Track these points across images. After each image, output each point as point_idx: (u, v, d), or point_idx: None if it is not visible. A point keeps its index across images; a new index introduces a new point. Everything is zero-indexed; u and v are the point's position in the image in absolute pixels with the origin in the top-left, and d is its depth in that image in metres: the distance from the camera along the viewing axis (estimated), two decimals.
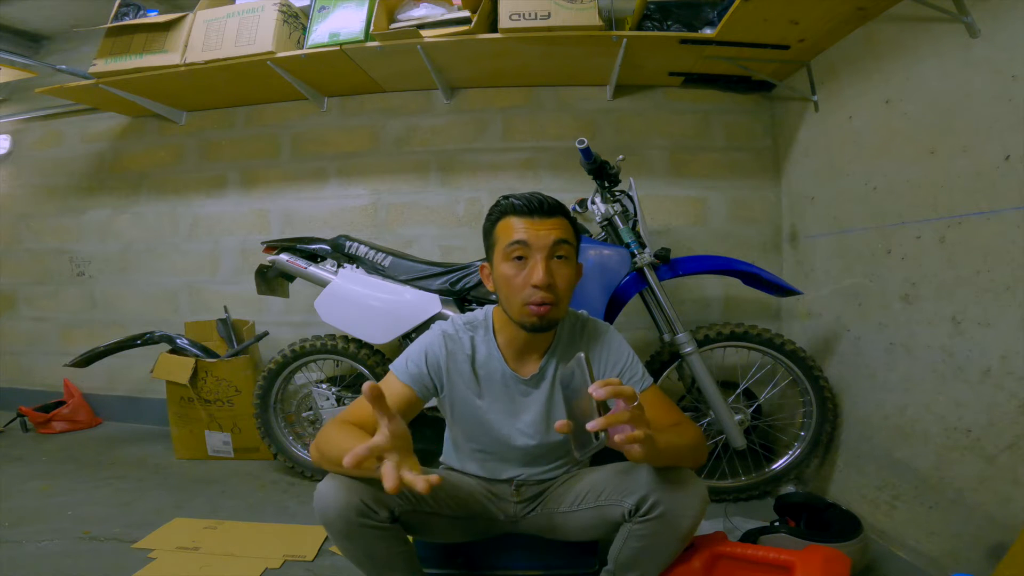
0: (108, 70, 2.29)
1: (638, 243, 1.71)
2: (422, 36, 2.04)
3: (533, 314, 1.05)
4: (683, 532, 1.01)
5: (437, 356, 1.14)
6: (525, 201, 1.06)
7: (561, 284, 1.06)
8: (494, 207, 1.11)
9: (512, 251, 1.05)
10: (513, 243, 1.05)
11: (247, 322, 2.50)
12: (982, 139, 1.31)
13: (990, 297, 1.28)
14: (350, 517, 0.95)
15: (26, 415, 2.60)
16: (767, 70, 2.10)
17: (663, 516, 0.99)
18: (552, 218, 1.06)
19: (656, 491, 0.99)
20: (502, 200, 1.10)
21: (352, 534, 0.97)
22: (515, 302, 1.07)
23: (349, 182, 2.58)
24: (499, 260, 1.08)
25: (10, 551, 1.47)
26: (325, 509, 0.96)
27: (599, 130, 2.44)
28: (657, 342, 1.84)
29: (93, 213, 2.82)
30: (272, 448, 2.05)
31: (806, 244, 2.16)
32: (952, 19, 1.36)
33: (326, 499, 0.96)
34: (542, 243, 1.04)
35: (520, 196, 1.07)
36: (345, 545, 1.00)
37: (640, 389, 1.12)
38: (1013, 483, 1.20)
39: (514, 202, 1.07)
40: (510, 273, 1.06)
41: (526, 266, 1.05)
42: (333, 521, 0.96)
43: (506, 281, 1.07)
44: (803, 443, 1.83)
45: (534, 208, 1.05)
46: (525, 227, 1.05)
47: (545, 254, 1.04)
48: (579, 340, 1.18)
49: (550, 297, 1.04)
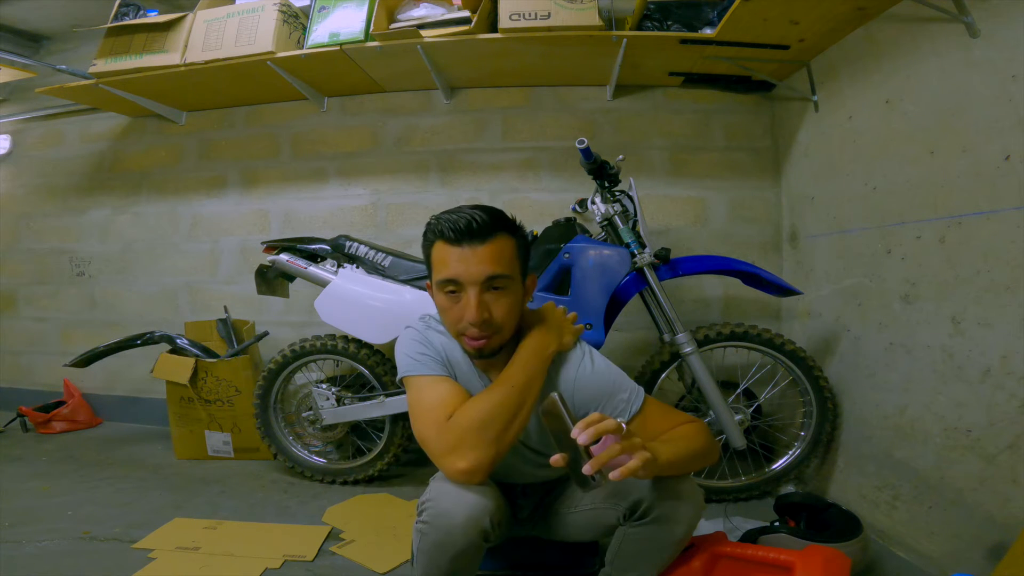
0: (108, 70, 2.29)
1: (638, 243, 1.71)
2: (422, 36, 2.04)
3: (471, 346, 1.02)
4: (677, 537, 1.01)
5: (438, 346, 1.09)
6: (453, 226, 0.97)
7: (499, 315, 1.00)
8: (427, 228, 1.03)
9: (443, 287, 1.00)
10: (443, 280, 0.99)
11: (247, 322, 2.50)
12: (982, 139, 1.31)
13: (990, 297, 1.28)
14: (472, 539, 0.94)
15: (26, 415, 2.60)
16: (767, 70, 2.10)
17: (657, 521, 0.99)
18: (486, 243, 0.97)
19: (651, 496, 0.99)
20: (432, 221, 1.02)
21: (464, 553, 0.95)
22: (453, 332, 1.04)
23: (349, 182, 2.58)
24: (435, 289, 1.03)
25: (10, 551, 1.47)
26: (451, 527, 0.93)
27: (599, 130, 2.44)
28: (657, 342, 1.84)
29: (93, 213, 2.82)
30: (272, 448, 2.05)
31: (806, 244, 2.16)
32: (952, 19, 1.36)
33: (454, 516, 0.93)
34: (474, 278, 0.97)
35: (450, 219, 0.98)
36: (443, 564, 0.96)
37: (637, 408, 1.07)
38: (1013, 483, 1.20)
39: (443, 227, 0.98)
40: (444, 305, 1.02)
41: (459, 300, 0.99)
42: (456, 539, 0.94)
43: (442, 311, 1.04)
44: (803, 443, 1.83)
45: (463, 234, 0.96)
46: (456, 260, 0.97)
47: (478, 289, 0.97)
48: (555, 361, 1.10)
49: (486, 331, 0.99)
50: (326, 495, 1.91)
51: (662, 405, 1.13)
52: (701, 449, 1.03)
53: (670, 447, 0.96)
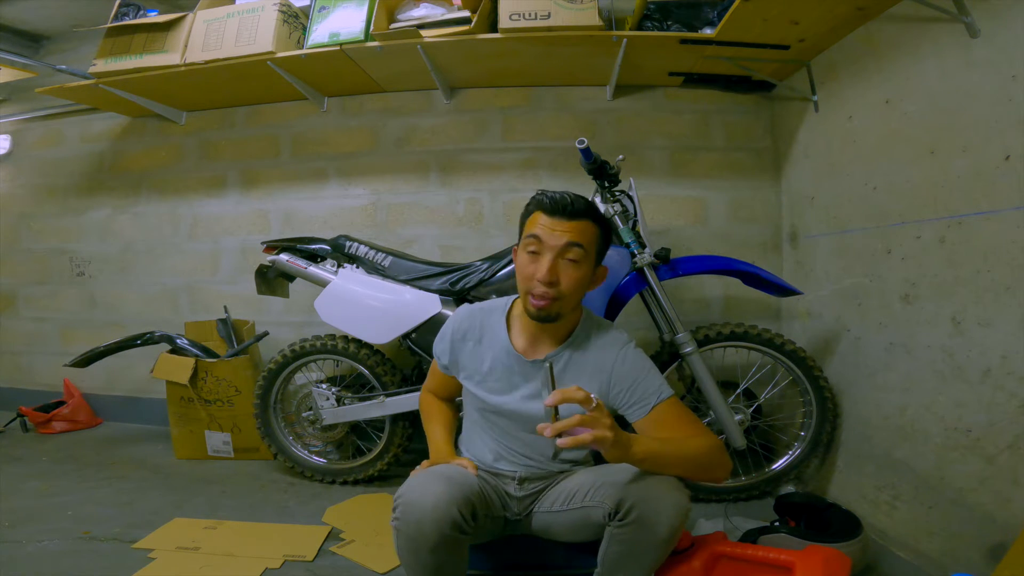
0: (108, 70, 2.29)
1: (638, 243, 1.71)
2: (422, 36, 2.04)
3: (533, 305, 1.11)
4: (660, 538, 1.01)
5: (454, 336, 1.26)
6: (552, 200, 1.10)
7: (566, 283, 1.09)
8: (531, 199, 1.16)
9: (528, 244, 1.12)
10: (529, 236, 1.12)
11: (247, 322, 2.50)
12: (982, 139, 1.31)
13: (990, 297, 1.28)
14: (444, 530, 0.96)
15: (26, 415, 2.60)
16: (767, 70, 2.10)
17: (638, 521, 1.00)
18: (574, 221, 1.10)
19: (632, 495, 1.00)
20: (537, 194, 1.15)
21: (440, 546, 0.97)
22: (522, 290, 1.14)
23: (349, 182, 2.58)
24: (520, 249, 1.15)
25: (10, 551, 1.47)
26: (421, 521, 0.96)
27: (599, 130, 2.44)
28: (657, 342, 1.84)
29: (93, 213, 2.82)
30: (272, 448, 2.05)
31: (806, 244, 2.16)
32: (952, 19, 1.36)
33: (422, 511, 0.96)
34: (554, 243, 1.09)
35: (552, 194, 1.12)
36: (424, 558, 0.98)
37: (657, 400, 1.12)
38: (1013, 483, 1.20)
39: (544, 198, 1.12)
40: (523, 263, 1.13)
41: (536, 260, 1.10)
42: (428, 533, 0.96)
43: (519, 269, 1.15)
44: (803, 443, 1.83)
45: (558, 208, 1.10)
46: (545, 224, 1.10)
47: (555, 253, 1.09)
48: (596, 346, 1.19)
49: (551, 292, 1.09)
50: (326, 495, 1.91)
51: (683, 413, 1.14)
52: (694, 457, 1.04)
53: (654, 444, 1.00)
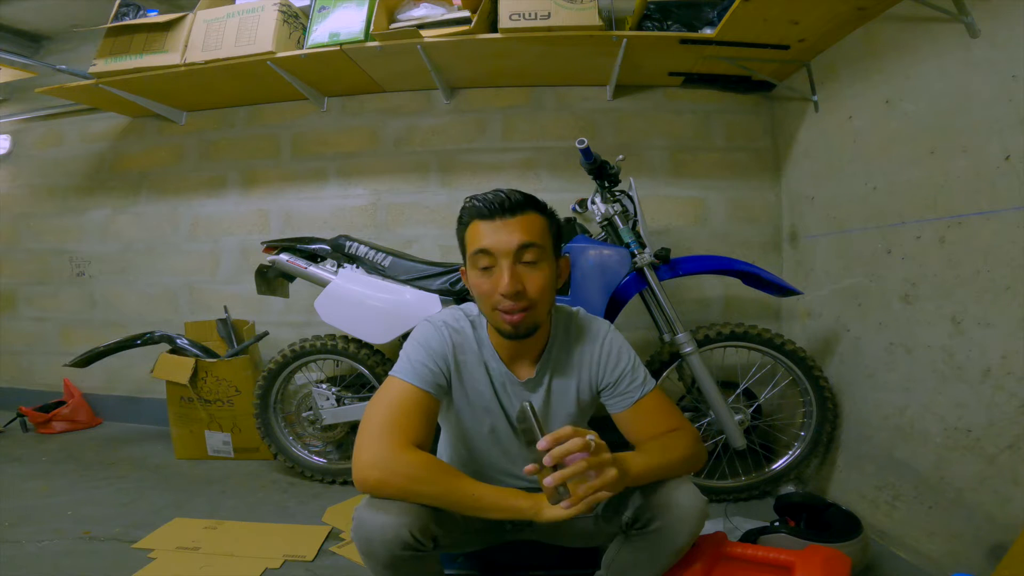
0: (108, 70, 2.29)
1: (638, 243, 1.71)
2: (422, 36, 2.04)
3: (506, 322, 1.00)
4: (679, 546, 1.00)
5: (443, 349, 1.06)
6: (486, 202, 0.99)
7: (532, 289, 0.99)
8: (462, 210, 1.04)
9: (476, 260, 1.00)
10: (476, 252, 0.99)
11: (247, 322, 2.50)
12: (982, 139, 1.31)
13: (990, 297, 1.28)
14: (395, 551, 0.89)
15: (26, 415, 2.60)
16: (767, 70, 2.10)
17: (660, 531, 0.98)
18: (517, 216, 0.99)
19: (653, 506, 0.97)
20: (466, 202, 1.03)
21: (395, 564, 0.92)
22: (487, 309, 1.03)
23: (349, 182, 2.58)
24: (469, 268, 1.04)
25: (10, 551, 1.47)
26: (369, 541, 0.90)
27: (599, 130, 2.44)
28: (657, 342, 1.84)
29: (93, 213, 2.82)
30: (272, 448, 2.05)
31: (806, 244, 2.16)
32: (952, 19, 1.36)
33: (370, 531, 0.89)
34: (506, 247, 0.97)
35: (483, 196, 1.01)
36: (381, 571, 0.93)
37: (640, 395, 1.09)
38: (1013, 483, 1.20)
39: (476, 204, 1.01)
40: (478, 282, 1.01)
41: (492, 274, 0.99)
42: (377, 553, 0.90)
43: (475, 290, 1.03)
44: (803, 443, 1.83)
45: (497, 209, 0.98)
46: (488, 232, 0.98)
47: (510, 260, 0.98)
48: (574, 342, 1.14)
49: (520, 304, 0.98)
50: (326, 495, 1.91)
51: (663, 404, 1.12)
52: (679, 459, 1.01)
53: (643, 457, 0.96)
